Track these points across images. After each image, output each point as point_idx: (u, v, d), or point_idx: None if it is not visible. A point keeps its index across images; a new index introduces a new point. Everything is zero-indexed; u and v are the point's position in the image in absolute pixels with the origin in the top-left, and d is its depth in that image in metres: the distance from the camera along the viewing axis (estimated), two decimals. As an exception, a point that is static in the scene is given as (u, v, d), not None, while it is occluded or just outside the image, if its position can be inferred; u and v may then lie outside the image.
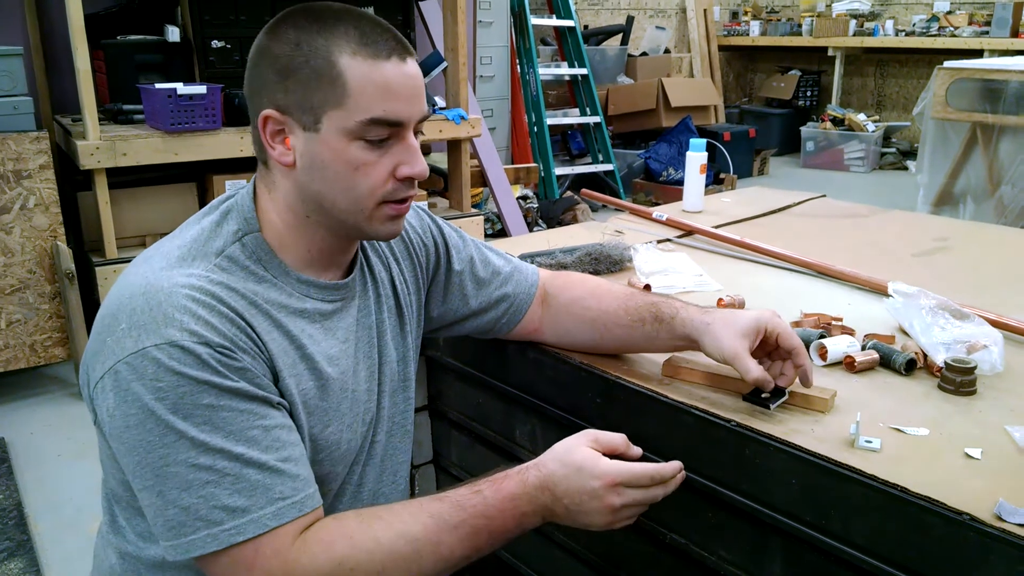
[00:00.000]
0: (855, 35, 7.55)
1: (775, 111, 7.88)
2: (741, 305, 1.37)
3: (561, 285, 1.24)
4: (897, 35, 7.38)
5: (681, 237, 1.84)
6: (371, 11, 0.93)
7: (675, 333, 1.10)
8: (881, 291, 1.42)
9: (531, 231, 4.49)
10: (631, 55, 7.01)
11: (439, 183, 3.96)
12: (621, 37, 7.04)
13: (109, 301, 0.89)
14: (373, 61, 0.89)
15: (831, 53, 7.62)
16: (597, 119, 5.82)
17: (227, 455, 0.82)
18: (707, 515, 1.05)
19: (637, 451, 0.97)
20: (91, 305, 2.93)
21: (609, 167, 5.80)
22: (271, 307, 0.93)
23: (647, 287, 1.43)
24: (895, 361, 1.14)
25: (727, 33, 8.37)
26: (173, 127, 2.85)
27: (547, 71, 5.74)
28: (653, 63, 7.00)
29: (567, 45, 5.89)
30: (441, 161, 3.98)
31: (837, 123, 7.20)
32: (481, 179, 4.34)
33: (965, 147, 4.10)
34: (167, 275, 0.88)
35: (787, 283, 1.55)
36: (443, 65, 3.62)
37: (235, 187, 1.01)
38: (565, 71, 5.87)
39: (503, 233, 4.43)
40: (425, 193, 3.74)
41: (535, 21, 5.53)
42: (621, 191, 5.76)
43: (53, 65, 3.42)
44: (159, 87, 2.86)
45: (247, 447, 0.83)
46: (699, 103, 6.61)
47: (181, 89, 2.85)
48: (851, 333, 1.24)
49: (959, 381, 1.07)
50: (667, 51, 7.57)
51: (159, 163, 2.89)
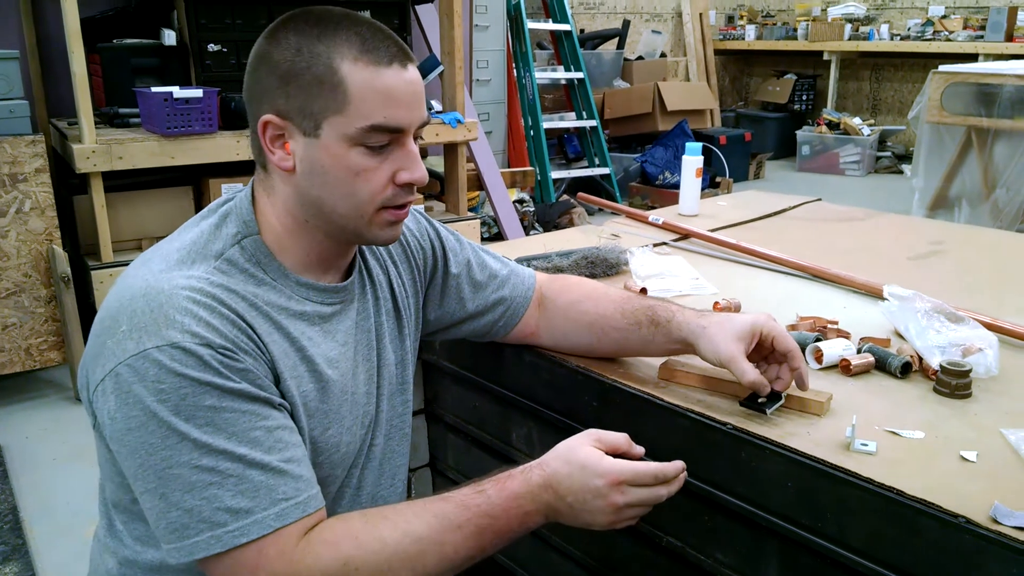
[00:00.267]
0: (850, 39, 7.57)
1: (771, 115, 7.90)
2: (737, 308, 1.37)
3: (558, 288, 1.24)
4: (892, 39, 7.40)
5: (677, 241, 1.84)
6: (367, 14, 0.93)
7: (671, 336, 1.11)
8: (877, 294, 1.42)
9: (527, 235, 4.49)
10: (627, 59, 7.01)
11: (435, 187, 3.96)
12: (617, 41, 7.05)
13: (108, 303, 0.89)
14: (374, 68, 0.89)
15: (827, 57, 7.65)
16: (593, 123, 5.83)
17: (230, 456, 0.82)
18: (703, 518, 1.05)
19: (639, 450, 0.97)
20: (87, 309, 2.92)
21: (605, 171, 5.81)
22: (271, 309, 0.93)
23: (643, 290, 1.43)
24: (891, 364, 1.14)
25: (723, 37, 8.38)
26: (169, 131, 2.84)
27: (543, 75, 5.75)
28: (649, 67, 7.01)
29: (563, 49, 5.90)
30: (437, 165, 3.98)
31: (833, 127, 7.22)
32: (477, 183, 4.35)
33: (960, 151, 4.12)
34: (167, 277, 0.88)
35: (783, 286, 1.55)
36: (439, 69, 3.62)
37: (231, 190, 1.01)
38: (561, 75, 5.88)
39: (499, 237, 4.44)
40: (422, 197, 3.74)
41: (531, 25, 5.54)
42: (617, 195, 5.76)
43: (49, 69, 3.42)
44: (155, 91, 2.86)
45: (250, 448, 0.83)
46: (695, 107, 6.62)
47: (177, 93, 2.85)
48: (847, 336, 1.24)
49: (954, 384, 1.07)
50: (663, 55, 7.58)
51: (155, 167, 2.88)
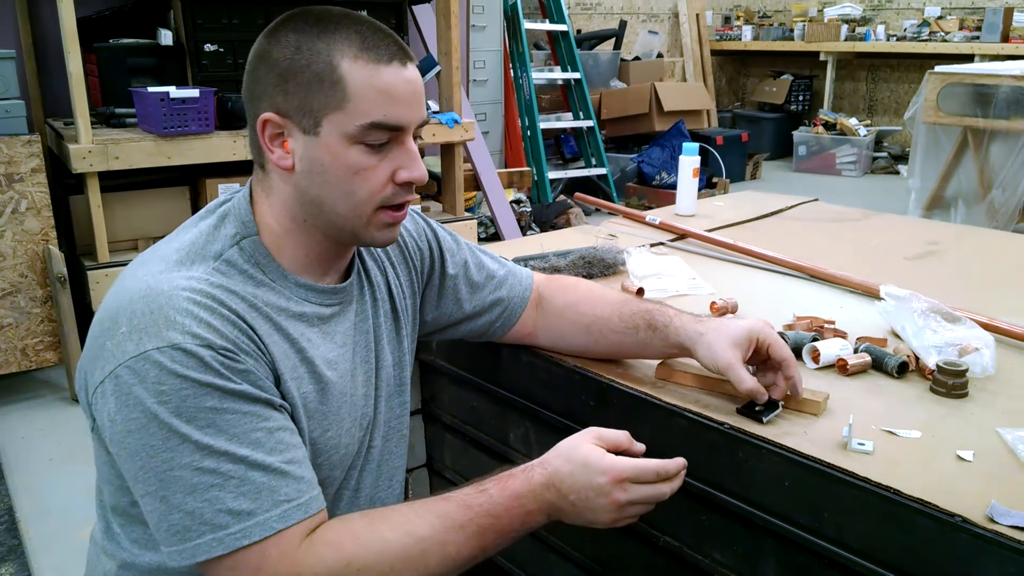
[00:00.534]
0: (847, 40, 7.58)
1: (767, 115, 7.90)
2: (734, 309, 1.37)
3: (555, 289, 1.24)
4: (888, 40, 7.41)
5: (674, 241, 1.84)
6: (364, 14, 0.93)
7: (669, 341, 1.11)
8: (873, 294, 1.42)
9: (524, 235, 4.49)
10: (624, 59, 7.02)
11: (433, 187, 3.96)
12: (614, 41, 7.05)
13: (107, 305, 0.88)
14: (374, 66, 0.89)
15: (823, 58, 7.65)
16: (590, 123, 5.83)
17: (231, 458, 0.82)
18: (701, 518, 1.05)
19: (640, 447, 0.97)
20: (83, 309, 2.92)
21: (602, 171, 5.81)
22: (271, 310, 0.92)
23: (640, 291, 1.43)
24: (887, 364, 1.14)
25: (719, 38, 8.39)
26: (166, 131, 2.83)
27: (540, 75, 5.75)
28: (646, 67, 7.01)
29: (560, 49, 5.90)
30: (435, 165, 3.98)
31: (829, 127, 7.22)
32: (474, 183, 4.34)
33: (956, 151, 4.13)
34: (167, 278, 0.87)
35: (780, 286, 1.56)
36: (436, 69, 3.62)
37: (228, 191, 1.01)
38: (558, 75, 5.88)
39: (496, 237, 4.43)
40: (419, 197, 3.74)
41: (528, 25, 5.54)
42: (614, 195, 5.77)
43: (45, 68, 3.41)
44: (152, 91, 2.85)
45: (251, 449, 0.83)
46: (692, 107, 6.63)
47: (174, 93, 2.84)
48: (843, 336, 1.25)
49: (951, 384, 1.07)
50: (660, 55, 7.58)
51: (151, 167, 2.87)
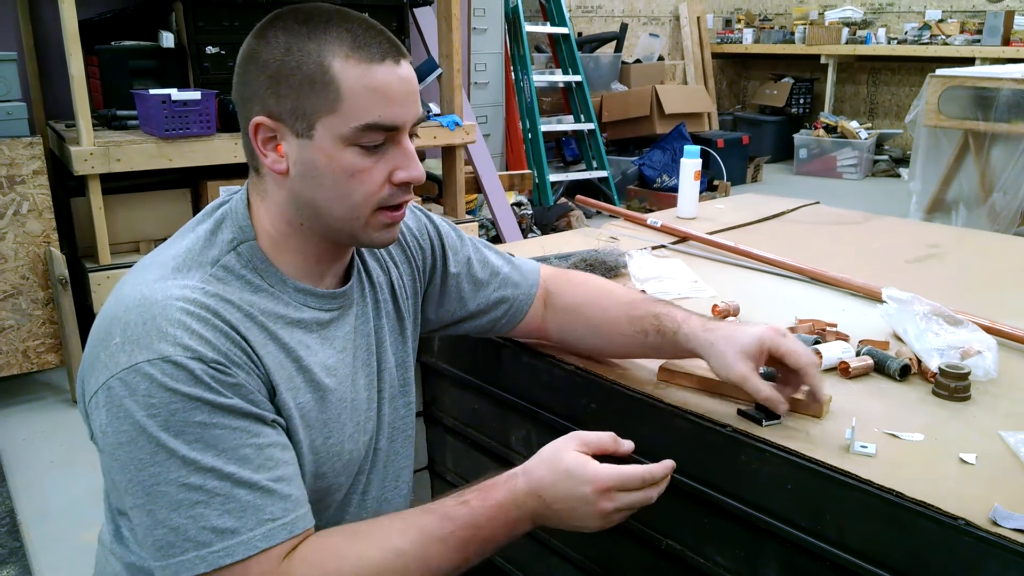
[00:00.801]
0: (848, 43, 7.59)
1: (768, 118, 7.91)
2: (736, 312, 1.37)
3: (563, 286, 1.23)
4: (889, 43, 7.42)
5: (676, 243, 1.84)
6: (355, 11, 0.92)
7: (679, 347, 1.09)
8: (875, 297, 1.42)
9: (525, 237, 4.49)
10: (625, 62, 7.02)
11: (434, 189, 3.96)
12: (615, 44, 7.06)
13: (104, 313, 0.88)
14: (366, 65, 0.87)
15: (824, 61, 7.66)
16: (591, 126, 5.83)
17: (218, 474, 0.81)
18: (703, 520, 1.05)
19: (627, 446, 0.95)
20: (84, 311, 2.92)
21: (603, 174, 5.81)
22: (267, 318, 0.91)
23: (642, 294, 1.43)
24: (889, 367, 1.14)
25: (720, 41, 8.40)
26: (167, 133, 2.84)
27: (541, 78, 5.75)
28: (647, 70, 7.02)
29: (561, 52, 5.91)
30: (436, 167, 3.98)
31: (830, 130, 7.23)
32: (476, 185, 4.34)
33: (957, 154, 4.12)
34: (161, 287, 0.86)
35: (781, 289, 1.56)
36: (438, 72, 3.62)
37: (228, 192, 1.00)
38: (559, 78, 5.89)
39: (497, 239, 4.43)
40: (420, 199, 3.74)
41: (529, 28, 5.54)
42: (615, 198, 5.77)
43: (47, 71, 3.42)
44: (153, 93, 2.85)
45: (239, 466, 0.82)
46: (693, 110, 6.63)
47: (175, 95, 2.84)
48: (845, 339, 1.25)
49: (953, 387, 1.07)
50: (661, 58, 7.59)
51: (153, 169, 2.88)
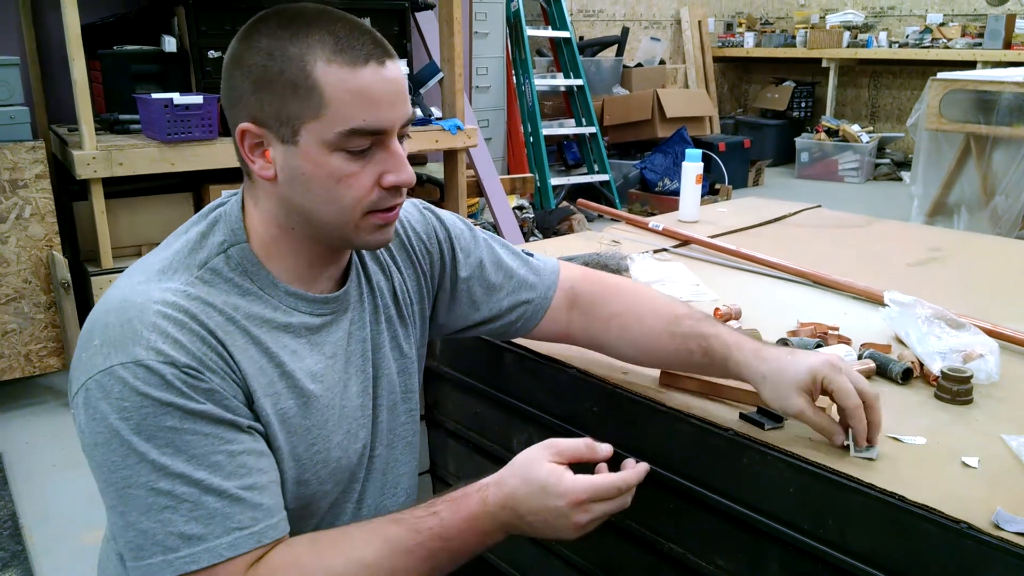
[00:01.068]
0: (849, 47, 7.59)
1: (770, 122, 7.91)
2: (737, 315, 1.37)
3: (596, 292, 1.16)
4: (891, 47, 7.42)
5: (677, 247, 1.84)
6: (367, 22, 0.91)
7: (728, 372, 1.05)
8: (877, 300, 1.42)
9: (527, 241, 4.49)
10: (626, 66, 7.03)
11: (435, 193, 3.96)
12: (616, 48, 7.07)
13: (91, 314, 0.88)
14: (350, 68, 0.85)
15: (825, 64, 7.66)
16: (593, 130, 5.84)
17: (187, 480, 0.80)
18: (705, 524, 1.05)
19: (604, 451, 0.92)
20: (86, 315, 2.91)
21: (605, 177, 5.81)
22: (251, 323, 0.90)
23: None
24: (891, 370, 1.14)
25: (722, 44, 8.40)
26: (169, 137, 2.84)
27: (543, 82, 5.76)
28: (648, 74, 7.03)
29: (563, 56, 5.92)
30: (437, 171, 3.99)
31: (831, 134, 7.23)
32: (477, 189, 4.35)
33: (959, 158, 4.12)
34: (143, 289, 0.86)
35: (783, 292, 1.56)
36: (439, 75, 3.63)
37: (227, 194, 0.99)
38: (561, 82, 5.89)
39: (499, 243, 4.43)
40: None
41: (531, 32, 5.55)
42: (617, 201, 5.77)
43: (49, 75, 3.42)
44: (155, 97, 2.86)
45: (208, 473, 0.81)
46: (694, 114, 6.64)
47: (178, 99, 2.85)
48: (847, 342, 1.25)
49: (955, 390, 1.07)
50: (662, 62, 7.60)
51: (155, 173, 2.89)
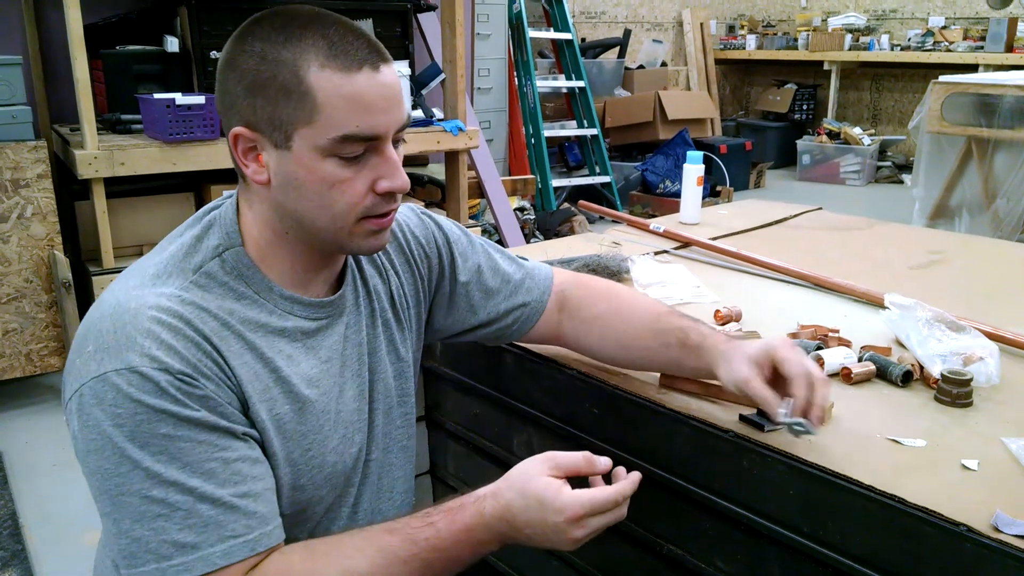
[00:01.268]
0: (851, 49, 7.59)
1: (771, 124, 7.92)
2: (738, 317, 1.37)
3: (584, 295, 1.19)
4: (892, 50, 7.42)
5: (678, 249, 1.84)
6: (369, 23, 0.91)
7: (700, 360, 1.05)
8: (877, 303, 1.42)
9: (528, 242, 4.49)
10: (628, 68, 7.04)
11: (437, 194, 3.97)
12: (618, 50, 7.07)
13: (84, 320, 0.88)
14: (343, 74, 0.84)
15: (827, 67, 7.66)
16: (594, 131, 5.84)
17: (180, 488, 0.80)
18: (704, 526, 1.05)
19: (603, 465, 0.92)
20: (87, 314, 2.92)
21: (606, 179, 5.82)
22: (246, 328, 0.89)
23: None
24: (891, 373, 1.14)
25: (724, 47, 8.41)
26: (171, 137, 2.85)
27: (545, 83, 5.76)
28: (650, 76, 7.03)
29: (565, 58, 5.92)
30: (439, 172, 3.99)
31: (833, 136, 7.23)
32: (478, 190, 4.35)
33: (960, 161, 4.11)
34: (137, 294, 0.85)
35: (784, 295, 1.56)
36: (441, 77, 3.63)
37: (223, 196, 0.98)
38: (563, 83, 5.90)
39: (500, 245, 4.43)
40: (423, 205, 3.75)
41: (533, 34, 5.56)
42: (618, 203, 5.77)
43: (52, 75, 3.43)
44: (157, 97, 2.87)
45: (202, 480, 0.80)
46: (696, 116, 6.64)
47: (179, 99, 2.85)
48: (848, 345, 1.25)
49: (955, 393, 1.07)
50: (664, 64, 7.60)
51: (157, 173, 2.89)
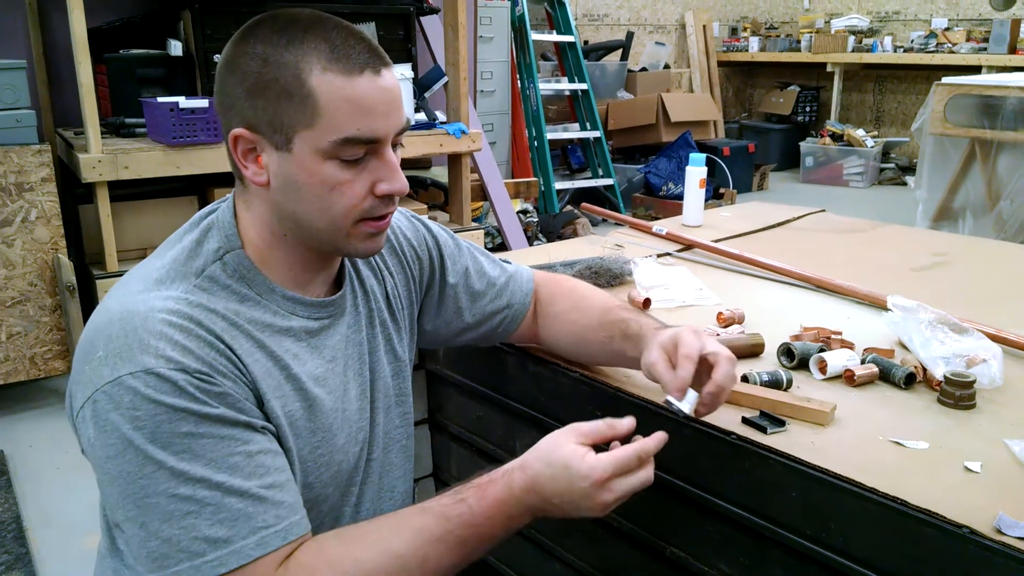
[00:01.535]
0: (854, 51, 7.58)
1: (774, 126, 7.91)
2: (741, 319, 1.37)
3: (551, 294, 1.24)
4: (895, 51, 7.41)
5: (681, 251, 1.85)
6: (372, 27, 0.92)
7: (636, 350, 1.06)
8: (880, 305, 1.42)
9: (531, 245, 4.49)
10: (631, 70, 7.04)
11: (439, 197, 3.97)
12: (621, 52, 7.07)
13: (88, 327, 0.88)
14: (345, 77, 0.85)
15: (830, 69, 7.66)
16: (597, 134, 5.84)
17: (207, 484, 0.80)
18: (707, 528, 1.05)
19: (626, 426, 0.92)
20: (91, 318, 2.93)
21: (609, 181, 5.82)
22: (253, 327, 0.90)
23: (647, 301, 1.43)
24: (894, 375, 1.14)
25: (726, 49, 8.40)
26: (175, 140, 2.85)
27: (547, 86, 5.77)
28: (653, 78, 7.03)
29: (567, 60, 5.92)
30: (442, 175, 4.00)
31: (836, 138, 7.22)
32: (481, 193, 4.35)
33: (964, 162, 4.11)
34: (144, 299, 0.86)
35: (786, 297, 1.56)
36: (444, 80, 3.63)
37: (219, 202, 0.98)
38: (565, 86, 5.90)
39: (503, 247, 4.44)
40: (426, 207, 3.75)
41: (536, 36, 5.56)
42: (621, 205, 5.77)
43: (56, 78, 3.44)
44: (161, 101, 2.88)
45: (228, 475, 0.81)
46: (699, 118, 6.64)
47: (183, 103, 2.86)
48: (850, 347, 1.24)
49: (958, 395, 1.07)
50: (667, 66, 7.60)
51: (161, 176, 2.90)
